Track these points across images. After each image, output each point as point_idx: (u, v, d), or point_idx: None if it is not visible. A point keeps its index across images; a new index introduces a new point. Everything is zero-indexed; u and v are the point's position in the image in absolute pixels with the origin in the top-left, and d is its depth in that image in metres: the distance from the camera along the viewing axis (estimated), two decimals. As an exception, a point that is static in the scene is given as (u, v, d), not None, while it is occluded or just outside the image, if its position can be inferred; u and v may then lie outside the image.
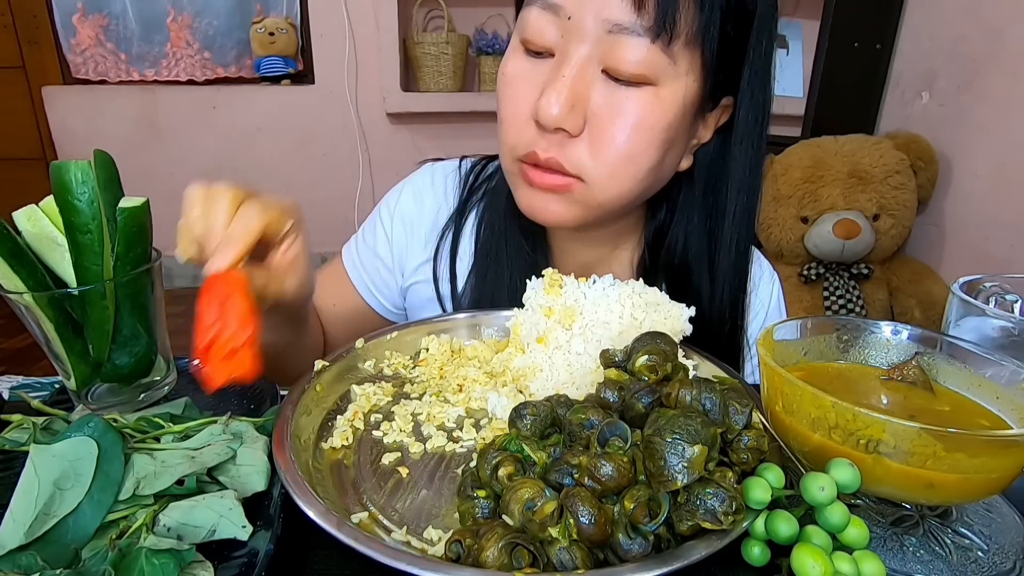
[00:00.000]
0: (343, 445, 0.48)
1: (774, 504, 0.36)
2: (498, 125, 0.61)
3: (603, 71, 0.54)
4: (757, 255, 0.76)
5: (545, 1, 0.54)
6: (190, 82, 2.75)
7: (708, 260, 0.67)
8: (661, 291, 0.55)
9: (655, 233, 0.70)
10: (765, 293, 0.76)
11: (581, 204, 0.59)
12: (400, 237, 0.77)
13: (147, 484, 0.38)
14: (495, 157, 0.75)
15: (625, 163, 0.56)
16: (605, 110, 0.55)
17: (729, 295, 0.68)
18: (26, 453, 0.38)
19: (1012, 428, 0.40)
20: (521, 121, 0.57)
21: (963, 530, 0.40)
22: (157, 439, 0.43)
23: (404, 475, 0.45)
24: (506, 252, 0.70)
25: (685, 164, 0.64)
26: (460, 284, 0.74)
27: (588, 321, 0.54)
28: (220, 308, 0.42)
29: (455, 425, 0.51)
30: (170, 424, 0.45)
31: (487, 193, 0.74)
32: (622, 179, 0.57)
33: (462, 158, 0.79)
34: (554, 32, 0.55)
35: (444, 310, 0.74)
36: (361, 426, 0.50)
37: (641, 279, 0.56)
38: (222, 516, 0.37)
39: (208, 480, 0.40)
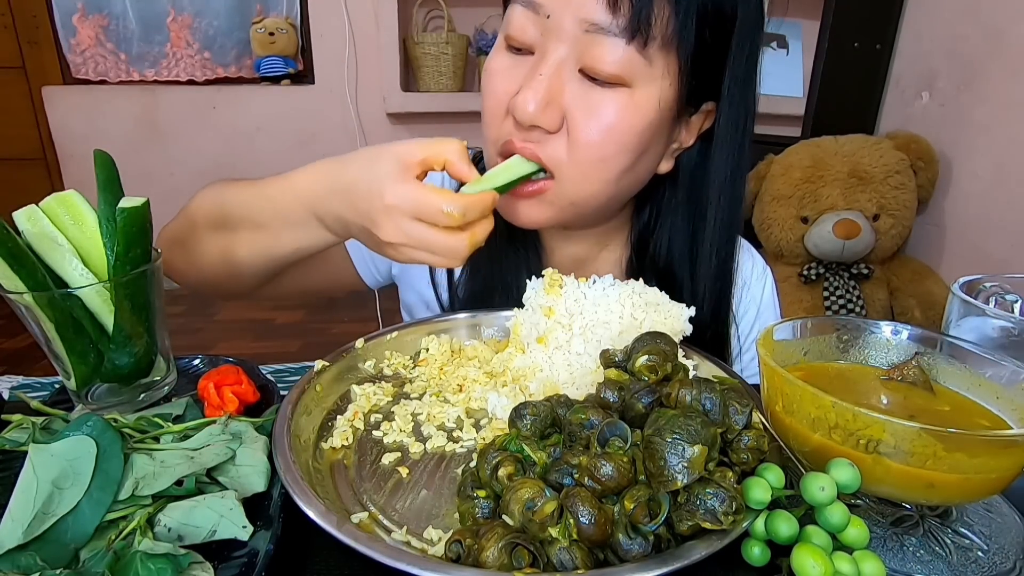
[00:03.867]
0: (343, 445, 0.48)
1: (774, 504, 0.36)
2: (482, 120, 0.62)
3: (580, 70, 0.55)
4: (750, 249, 0.76)
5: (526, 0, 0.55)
6: (190, 82, 2.74)
7: (689, 266, 0.67)
8: None
9: (640, 234, 0.70)
10: (757, 289, 0.75)
11: (554, 205, 0.60)
12: None
13: (146, 484, 0.38)
14: None
15: (596, 164, 0.57)
16: (581, 110, 0.55)
17: (710, 301, 0.67)
18: (25, 453, 0.38)
19: (1012, 428, 0.40)
20: (501, 115, 0.58)
21: (963, 530, 0.40)
22: (156, 439, 0.43)
23: (404, 475, 0.45)
24: (497, 245, 0.70)
25: (665, 167, 0.64)
26: (456, 272, 0.74)
27: (588, 321, 0.54)
28: None
29: (455, 425, 0.51)
30: (169, 424, 0.45)
31: None
32: (593, 180, 0.58)
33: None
34: (534, 30, 0.55)
35: (436, 290, 0.74)
36: (361, 426, 0.50)
37: (629, 280, 0.56)
38: (222, 516, 0.37)
39: (208, 481, 0.40)
